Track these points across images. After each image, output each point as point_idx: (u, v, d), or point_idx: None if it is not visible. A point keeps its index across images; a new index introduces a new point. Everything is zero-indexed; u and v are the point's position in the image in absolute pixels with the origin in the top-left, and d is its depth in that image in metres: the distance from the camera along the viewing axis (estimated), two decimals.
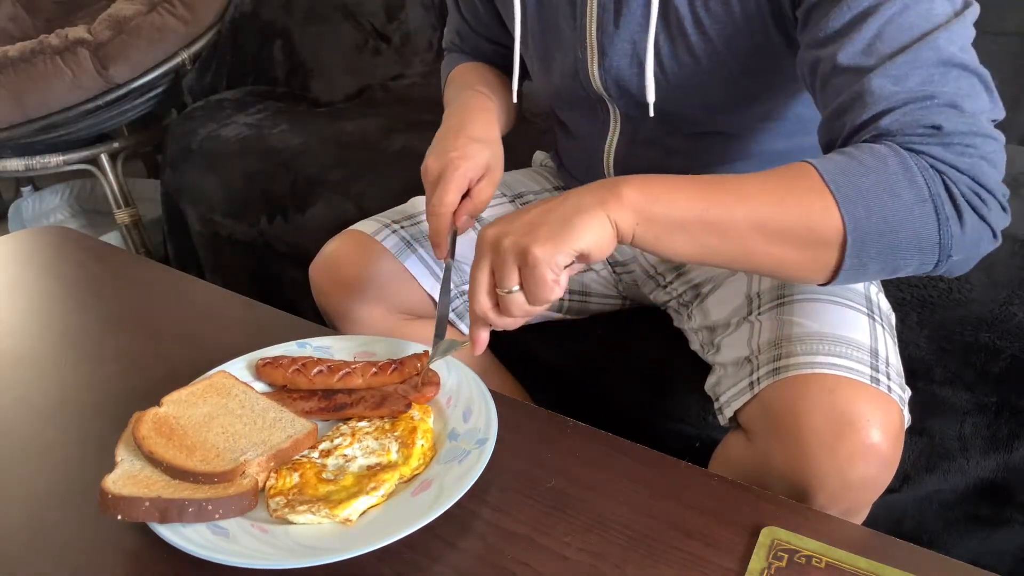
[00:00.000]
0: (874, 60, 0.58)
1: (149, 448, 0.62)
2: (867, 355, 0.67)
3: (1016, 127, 1.22)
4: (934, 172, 0.56)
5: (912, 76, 0.57)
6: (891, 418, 0.63)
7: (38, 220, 2.34)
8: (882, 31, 0.58)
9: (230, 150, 1.65)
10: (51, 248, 1.17)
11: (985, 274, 0.92)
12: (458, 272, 0.94)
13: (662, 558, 0.57)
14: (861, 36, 0.58)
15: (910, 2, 0.58)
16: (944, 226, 0.56)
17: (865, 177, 0.56)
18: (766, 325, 0.74)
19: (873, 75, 0.57)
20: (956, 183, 0.56)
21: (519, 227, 0.58)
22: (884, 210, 0.56)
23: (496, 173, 0.80)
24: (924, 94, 0.57)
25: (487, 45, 1.00)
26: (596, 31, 0.78)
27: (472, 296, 0.61)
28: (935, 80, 0.57)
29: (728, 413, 0.72)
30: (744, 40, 0.71)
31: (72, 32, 1.78)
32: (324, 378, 0.73)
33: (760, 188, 0.58)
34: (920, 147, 0.56)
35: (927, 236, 0.57)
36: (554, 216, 0.58)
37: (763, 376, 0.68)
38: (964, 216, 0.56)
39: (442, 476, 0.62)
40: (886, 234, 0.56)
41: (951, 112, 0.56)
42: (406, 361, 0.74)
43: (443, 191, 0.74)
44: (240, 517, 0.59)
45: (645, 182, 0.59)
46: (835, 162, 0.58)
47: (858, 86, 0.58)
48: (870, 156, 0.57)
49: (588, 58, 0.80)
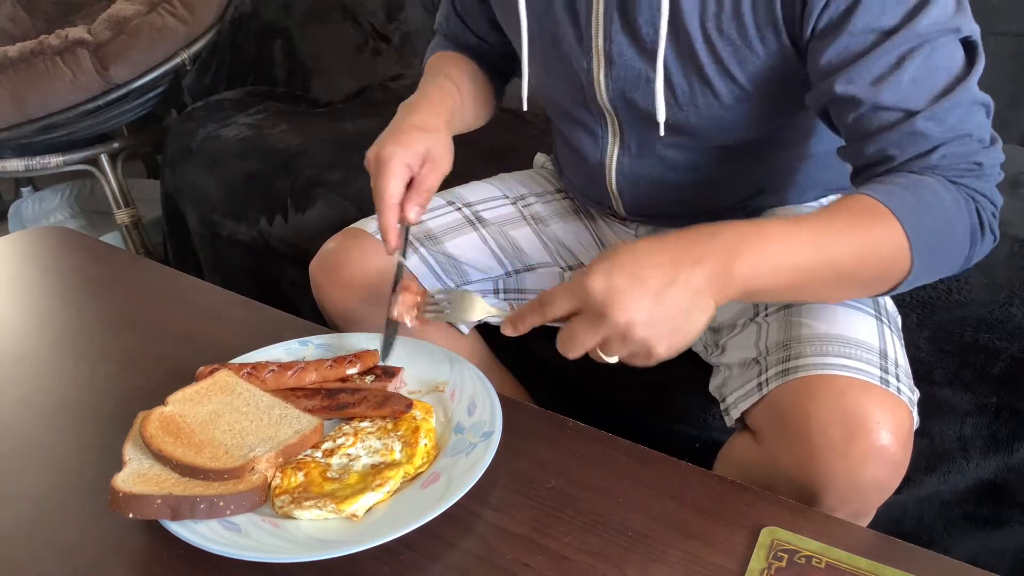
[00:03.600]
0: (920, 103, 0.62)
1: (158, 447, 0.63)
2: (876, 356, 0.67)
3: (1016, 127, 1.22)
4: (972, 202, 0.64)
5: (950, 117, 0.62)
6: (901, 420, 0.63)
7: (38, 220, 2.34)
8: (918, 76, 0.62)
9: (230, 150, 1.65)
10: (51, 248, 1.17)
11: (985, 275, 0.92)
12: (459, 272, 0.94)
13: (662, 558, 0.57)
14: (899, 80, 0.62)
15: (936, 44, 0.61)
16: (972, 248, 0.65)
17: (931, 215, 0.62)
18: (774, 326, 0.74)
19: (920, 117, 0.62)
20: (984, 209, 0.65)
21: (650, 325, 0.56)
22: (943, 245, 0.64)
23: (440, 162, 0.78)
24: (962, 132, 0.63)
25: (473, 38, 0.99)
26: (603, 41, 0.76)
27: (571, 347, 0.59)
28: (966, 119, 0.63)
29: (735, 414, 0.72)
30: (759, 61, 0.70)
31: (72, 32, 1.78)
32: (276, 377, 0.73)
33: (848, 247, 0.61)
34: (961, 180, 0.64)
35: (960, 258, 0.66)
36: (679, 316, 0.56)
37: (772, 377, 0.68)
38: (986, 237, 0.66)
39: (450, 469, 0.62)
40: (936, 264, 0.65)
41: (984, 149, 0.64)
42: (362, 355, 0.75)
43: (383, 181, 0.73)
44: (250, 513, 0.60)
45: (756, 258, 0.58)
46: (900, 198, 0.62)
47: (907, 126, 0.63)
48: (928, 192, 0.62)
49: (594, 68, 0.78)
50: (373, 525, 0.58)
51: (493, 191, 1.01)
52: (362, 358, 0.75)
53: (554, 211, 1.01)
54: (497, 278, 0.97)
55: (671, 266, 0.56)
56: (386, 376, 0.74)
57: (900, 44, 0.61)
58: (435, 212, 0.96)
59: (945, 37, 0.61)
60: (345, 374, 0.74)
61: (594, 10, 0.75)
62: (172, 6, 1.87)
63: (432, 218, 0.95)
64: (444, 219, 0.96)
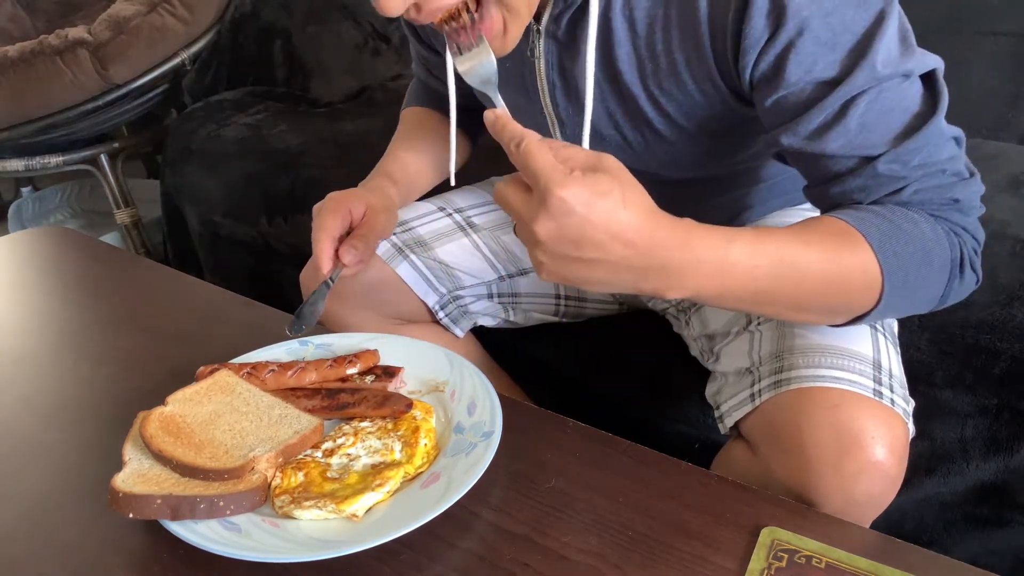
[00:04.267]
0: (877, 148, 0.60)
1: (157, 447, 0.63)
2: (870, 367, 0.66)
3: (1016, 127, 1.22)
4: (954, 236, 0.62)
5: (916, 157, 0.60)
6: (896, 433, 0.63)
7: (38, 220, 2.34)
8: (867, 121, 0.59)
9: (230, 150, 1.65)
10: (51, 248, 1.17)
11: (986, 276, 0.92)
12: (451, 278, 0.94)
13: (662, 558, 0.57)
14: (846, 128, 0.60)
15: (882, 87, 0.59)
16: (949, 284, 0.63)
17: (906, 245, 0.60)
18: (767, 336, 0.73)
19: (881, 161, 0.60)
20: (965, 244, 0.63)
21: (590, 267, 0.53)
22: (917, 277, 0.61)
23: (379, 214, 0.83)
24: (934, 169, 0.61)
25: (439, 84, 0.98)
26: (551, 104, 0.77)
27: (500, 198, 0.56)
28: (936, 152, 0.61)
29: (729, 423, 0.72)
30: (704, 112, 0.70)
31: (72, 32, 1.78)
32: (276, 377, 0.73)
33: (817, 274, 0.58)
34: (940, 214, 0.62)
35: (935, 294, 0.64)
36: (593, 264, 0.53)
37: (765, 388, 0.68)
38: (965, 275, 0.64)
39: (450, 469, 0.62)
40: (908, 297, 0.62)
41: (961, 182, 0.62)
42: (362, 355, 0.75)
43: (321, 216, 0.80)
44: (250, 513, 0.60)
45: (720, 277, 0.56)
46: (876, 226, 0.60)
47: (868, 170, 0.61)
48: (907, 221, 0.61)
49: (549, 126, 0.80)
50: (373, 525, 0.58)
51: (485, 196, 1.01)
52: (362, 358, 0.75)
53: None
54: (491, 282, 0.97)
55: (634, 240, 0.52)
56: (386, 376, 0.74)
57: (841, 96, 0.59)
58: (426, 218, 0.96)
59: (891, 81, 0.59)
60: (345, 374, 0.74)
61: (538, 74, 0.75)
62: (172, 6, 1.87)
63: (423, 224, 0.95)
64: (435, 225, 0.96)
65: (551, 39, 0.72)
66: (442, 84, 0.98)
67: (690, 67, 0.66)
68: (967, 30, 1.24)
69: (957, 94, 0.72)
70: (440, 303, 0.94)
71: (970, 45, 1.23)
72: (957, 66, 0.66)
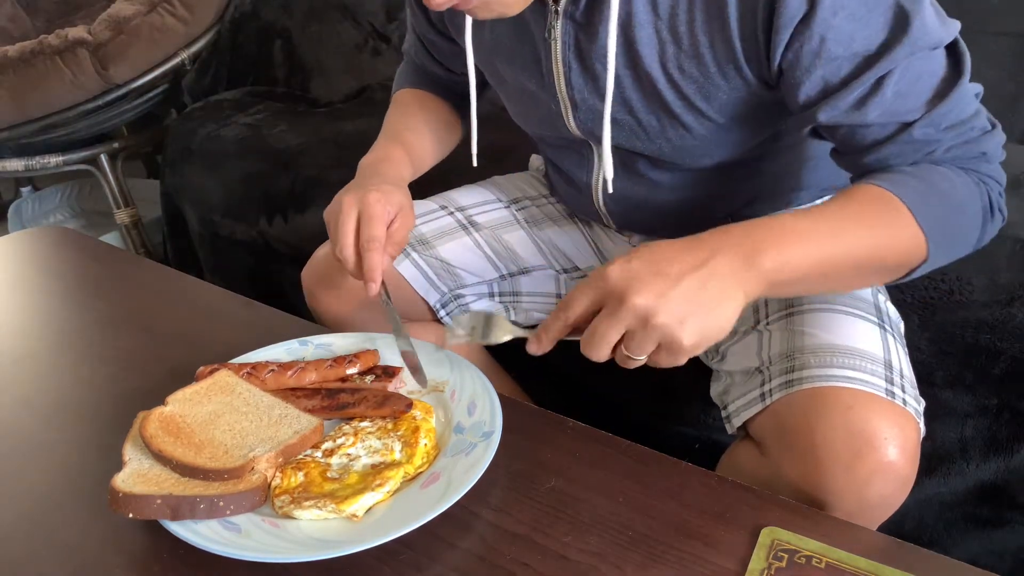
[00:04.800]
0: (914, 113, 0.62)
1: (157, 447, 0.63)
2: (881, 367, 0.66)
3: (1016, 127, 1.22)
4: (983, 185, 0.65)
5: (948, 118, 0.63)
6: (908, 434, 0.63)
7: (38, 220, 2.34)
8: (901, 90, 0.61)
9: (230, 150, 1.65)
10: (51, 248, 1.17)
11: (986, 276, 0.92)
12: (452, 276, 0.94)
13: (662, 558, 0.57)
14: (883, 98, 0.61)
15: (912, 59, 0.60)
16: (983, 227, 0.66)
17: (942, 204, 0.63)
18: (776, 336, 0.73)
19: (917, 126, 0.63)
20: (992, 190, 0.66)
21: (673, 309, 0.54)
22: (956, 229, 0.65)
23: (408, 215, 0.79)
24: (963, 127, 0.64)
25: (440, 69, 0.98)
26: (565, 87, 0.76)
27: (595, 346, 0.58)
28: (963, 114, 0.63)
29: (737, 423, 0.72)
30: (723, 95, 0.70)
31: (72, 32, 1.78)
32: (276, 377, 0.73)
33: (866, 238, 0.61)
34: (970, 166, 0.65)
35: (973, 238, 0.67)
36: (707, 301, 0.55)
37: (776, 388, 0.68)
38: (995, 216, 0.67)
39: (450, 469, 0.62)
40: (951, 248, 0.65)
41: (986, 136, 0.65)
42: (362, 355, 0.75)
43: (369, 227, 0.73)
44: (250, 513, 0.60)
45: (780, 249, 0.57)
46: (913, 189, 0.62)
47: (905, 136, 0.63)
48: (941, 179, 0.63)
49: (562, 110, 0.79)
50: (373, 525, 0.58)
51: (487, 195, 1.01)
52: (362, 358, 0.75)
53: (548, 215, 1.01)
54: (491, 281, 0.97)
55: (690, 255, 0.56)
56: (386, 376, 0.74)
57: (880, 69, 0.60)
58: (427, 217, 0.96)
59: (921, 53, 0.60)
60: (345, 374, 0.74)
61: (553, 57, 0.75)
62: (172, 6, 1.87)
63: (424, 223, 0.95)
64: (436, 224, 0.96)
65: (569, 20, 0.72)
66: (442, 69, 0.98)
67: (714, 48, 0.66)
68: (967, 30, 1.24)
69: None
70: (441, 301, 0.94)
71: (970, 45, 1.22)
72: None
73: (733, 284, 0.56)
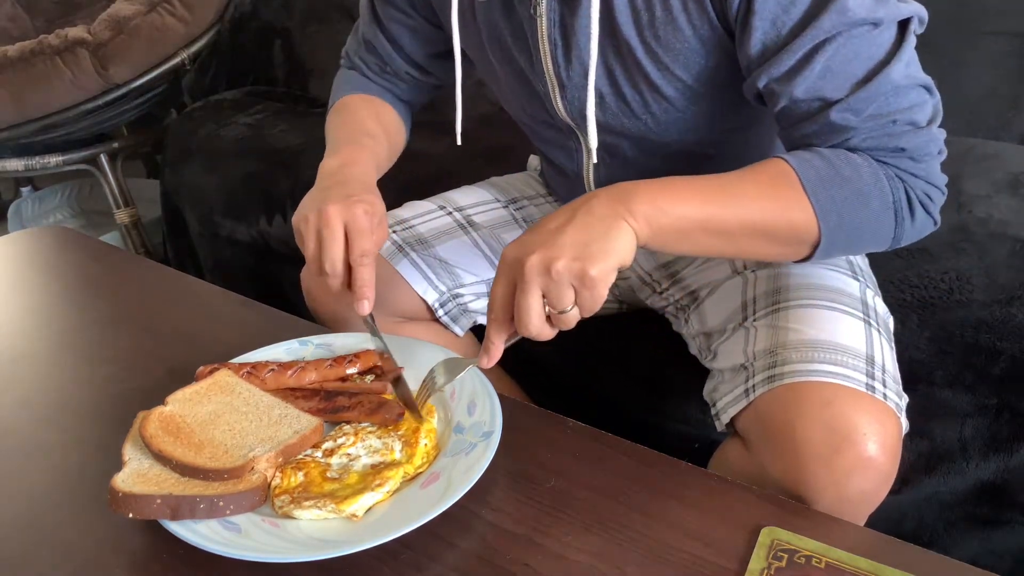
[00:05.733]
0: (837, 93, 0.63)
1: (157, 447, 0.63)
2: (863, 362, 0.67)
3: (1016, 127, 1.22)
4: (898, 180, 0.65)
5: (871, 105, 0.63)
6: (888, 430, 0.63)
7: (38, 220, 2.34)
8: (831, 66, 0.62)
9: (230, 150, 1.65)
10: (51, 248, 1.17)
11: (986, 275, 0.92)
12: (451, 275, 0.94)
13: (662, 558, 0.57)
14: (810, 73, 0.63)
15: (850, 35, 0.61)
16: (899, 225, 0.66)
17: (841, 189, 0.63)
18: (761, 332, 0.73)
19: (835, 108, 0.63)
20: (913, 188, 0.65)
21: (566, 249, 0.58)
22: (854, 218, 0.64)
23: (385, 224, 0.77)
24: (885, 118, 0.63)
25: (404, 67, 0.96)
26: (552, 65, 0.77)
27: (525, 320, 0.59)
28: (891, 102, 0.63)
29: (724, 420, 0.72)
30: (702, 60, 0.71)
31: (72, 32, 1.78)
32: (276, 377, 0.73)
33: (753, 197, 0.64)
34: (887, 160, 0.65)
35: (885, 234, 0.67)
36: (593, 233, 0.59)
37: (758, 384, 0.68)
38: (916, 214, 0.66)
39: (450, 469, 0.62)
40: (852, 235, 0.66)
41: (910, 131, 0.64)
42: (362, 354, 0.75)
43: (359, 242, 0.71)
44: (250, 513, 0.60)
45: (652, 194, 0.61)
46: (816, 169, 0.64)
47: (821, 117, 0.64)
48: (847, 166, 0.64)
49: (550, 91, 0.79)
50: (373, 525, 0.58)
51: (485, 195, 1.01)
52: (362, 357, 0.75)
53: (546, 214, 1.00)
54: (490, 280, 0.97)
55: (567, 209, 0.61)
56: (386, 376, 0.74)
57: (810, 39, 0.61)
58: (426, 217, 0.96)
59: (860, 28, 0.61)
60: (345, 373, 0.74)
61: (539, 36, 0.75)
62: (172, 6, 1.87)
63: (423, 222, 0.96)
64: (435, 223, 0.96)
65: None
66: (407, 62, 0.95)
67: (687, 11, 0.68)
68: (967, 30, 1.24)
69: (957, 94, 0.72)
70: (440, 301, 0.94)
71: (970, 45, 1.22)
72: (957, 66, 0.66)
73: (612, 216, 0.60)
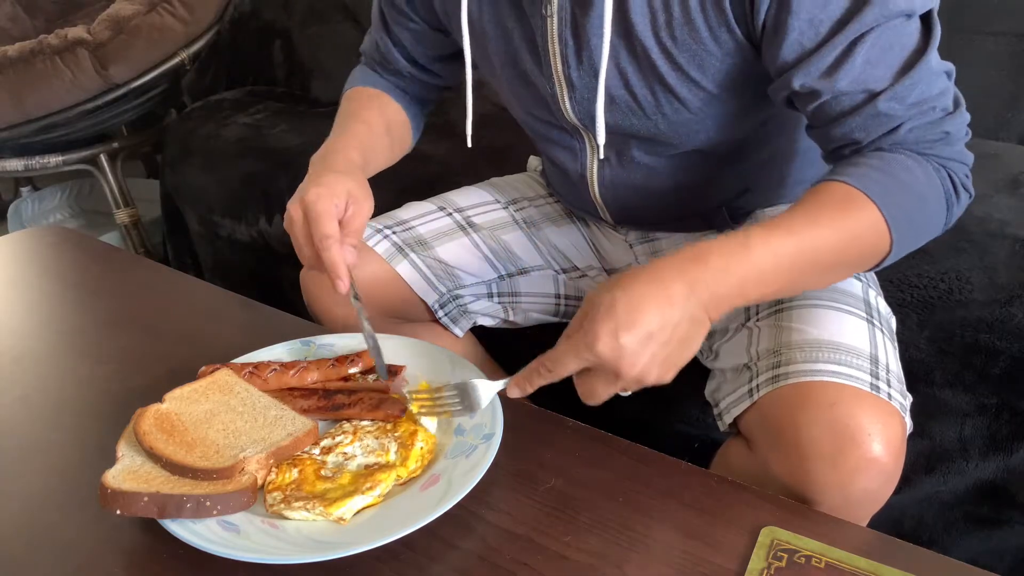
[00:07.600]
0: (881, 83, 0.63)
1: (150, 444, 0.63)
2: (867, 362, 0.67)
3: (1016, 127, 1.22)
4: (943, 170, 0.65)
5: (913, 93, 0.63)
6: (893, 430, 0.63)
7: (38, 220, 2.34)
8: (871, 57, 0.62)
9: (229, 150, 1.65)
10: (51, 248, 1.17)
11: (985, 275, 0.92)
12: (451, 277, 0.94)
13: (662, 558, 0.57)
14: (852, 65, 0.62)
15: (885, 26, 0.61)
16: (949, 211, 0.67)
17: (905, 195, 0.63)
18: (765, 332, 0.73)
19: (882, 98, 0.63)
20: (956, 172, 0.66)
21: (656, 366, 0.58)
22: (918, 219, 0.65)
23: (363, 203, 0.76)
24: (926, 106, 0.64)
25: (408, 67, 0.95)
26: (561, 66, 0.76)
27: (591, 400, 0.62)
28: (928, 91, 0.64)
29: (727, 420, 0.72)
30: (718, 62, 0.70)
31: (71, 32, 1.78)
32: (278, 376, 0.73)
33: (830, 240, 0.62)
34: (931, 151, 0.65)
35: (939, 225, 0.68)
36: (686, 350, 0.60)
37: (762, 383, 0.68)
38: (961, 197, 0.67)
39: (450, 471, 0.62)
40: (917, 236, 0.67)
41: (949, 116, 0.65)
42: (364, 354, 0.75)
43: (318, 226, 0.71)
44: (249, 513, 0.60)
45: (742, 286, 0.60)
46: (876, 183, 0.63)
47: (870, 108, 0.64)
48: (902, 170, 0.64)
49: (558, 92, 0.79)
50: (372, 526, 0.58)
51: (485, 196, 1.01)
52: (364, 357, 0.75)
53: (547, 215, 1.01)
54: (490, 281, 0.97)
55: (668, 306, 0.58)
56: (389, 374, 0.74)
57: (852, 33, 0.61)
58: (426, 218, 0.96)
59: (896, 19, 0.61)
60: (347, 373, 0.74)
61: (549, 36, 0.75)
62: (172, 6, 1.86)
63: (423, 224, 0.95)
64: (435, 225, 0.96)
65: None
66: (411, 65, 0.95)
67: (704, 12, 0.67)
68: (967, 30, 1.25)
69: None
70: (440, 302, 0.94)
71: (970, 45, 1.23)
72: (957, 66, 0.66)
73: (703, 323, 0.60)
